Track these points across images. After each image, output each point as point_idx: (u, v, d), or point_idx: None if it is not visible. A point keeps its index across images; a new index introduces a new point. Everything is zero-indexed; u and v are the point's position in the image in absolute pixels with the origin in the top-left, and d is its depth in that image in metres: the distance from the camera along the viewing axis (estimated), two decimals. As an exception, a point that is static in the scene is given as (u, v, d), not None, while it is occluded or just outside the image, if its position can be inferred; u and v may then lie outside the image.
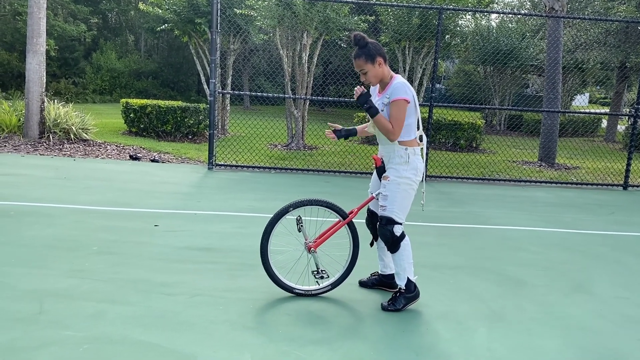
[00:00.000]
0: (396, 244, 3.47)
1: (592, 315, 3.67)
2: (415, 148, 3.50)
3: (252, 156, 9.88)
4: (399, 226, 3.46)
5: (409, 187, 3.46)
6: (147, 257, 4.28)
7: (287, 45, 11.38)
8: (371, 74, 3.45)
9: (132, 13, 29.65)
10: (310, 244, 3.64)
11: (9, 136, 10.25)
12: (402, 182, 3.44)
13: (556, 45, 11.00)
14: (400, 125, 3.38)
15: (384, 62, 3.45)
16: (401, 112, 3.37)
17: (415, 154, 3.49)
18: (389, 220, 3.45)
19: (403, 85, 3.40)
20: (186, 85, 28.02)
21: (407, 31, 12.67)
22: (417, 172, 3.48)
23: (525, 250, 5.15)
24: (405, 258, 3.51)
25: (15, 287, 3.52)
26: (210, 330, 3.10)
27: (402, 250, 3.49)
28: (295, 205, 3.59)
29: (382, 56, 3.43)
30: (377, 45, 3.46)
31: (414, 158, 3.47)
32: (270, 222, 3.58)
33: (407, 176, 3.44)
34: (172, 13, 13.04)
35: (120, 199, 6.20)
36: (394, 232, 3.45)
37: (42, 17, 9.83)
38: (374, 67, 3.43)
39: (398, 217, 3.46)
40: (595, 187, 9.39)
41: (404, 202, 3.46)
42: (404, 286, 3.53)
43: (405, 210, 3.49)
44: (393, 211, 3.45)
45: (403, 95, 3.36)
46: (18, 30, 21.81)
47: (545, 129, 11.31)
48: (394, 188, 3.44)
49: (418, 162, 3.48)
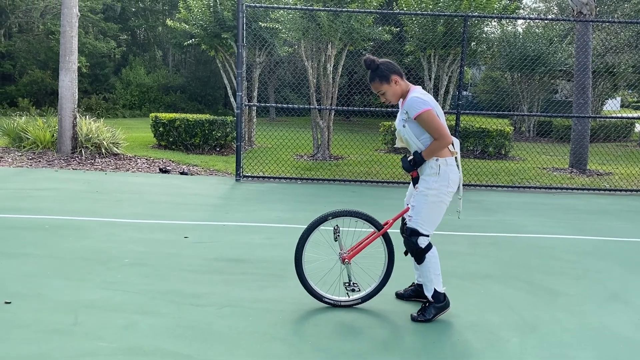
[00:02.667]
0: (420, 256, 3.45)
1: (628, 325, 3.57)
2: (448, 158, 3.42)
3: (278, 167, 9.95)
4: (424, 238, 3.44)
5: (438, 199, 3.40)
6: (178, 269, 4.34)
7: (312, 56, 11.46)
8: (389, 94, 3.46)
9: (160, 29, 30.30)
10: (344, 255, 3.63)
11: (43, 151, 10.54)
12: (430, 194, 3.39)
13: (585, 50, 10.81)
14: (442, 129, 3.33)
15: (400, 79, 3.44)
16: (432, 121, 3.33)
17: (448, 164, 3.41)
18: (413, 231, 3.44)
19: (416, 99, 3.37)
20: (213, 98, 28.40)
21: (432, 39, 12.62)
22: (450, 183, 3.41)
23: (558, 259, 5.04)
24: (432, 270, 3.47)
25: (51, 299, 3.61)
26: (240, 341, 3.12)
27: (428, 262, 3.46)
28: (334, 214, 3.60)
29: (396, 74, 3.44)
30: (389, 64, 3.46)
31: (445, 169, 3.40)
32: (307, 229, 3.60)
33: (436, 188, 3.39)
34: (199, 28, 13.27)
35: (150, 212, 6.31)
36: (417, 244, 3.43)
37: (74, 36, 10.13)
38: (390, 87, 3.44)
39: (423, 228, 3.43)
40: (630, 193, 9.16)
41: (431, 214, 3.42)
42: (431, 297, 3.51)
43: (433, 222, 3.45)
44: (418, 222, 3.42)
45: (422, 108, 3.33)
46: (51, 48, 22.48)
47: (576, 135, 11.09)
48: (422, 199, 3.42)
49: (451, 173, 3.41)
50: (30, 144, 10.73)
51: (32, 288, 3.79)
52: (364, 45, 11.83)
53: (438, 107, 3.45)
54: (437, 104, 3.46)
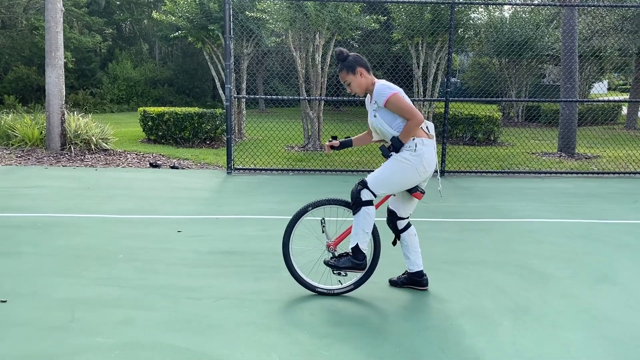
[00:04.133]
0: (357, 206, 3.51)
1: (618, 306, 3.64)
2: (424, 139, 3.51)
3: (269, 159, 9.95)
4: (368, 192, 3.48)
5: (405, 169, 3.46)
6: (172, 263, 4.36)
7: (300, 46, 11.44)
8: (354, 84, 3.61)
9: (145, 22, 30.00)
10: (330, 242, 3.69)
11: (32, 149, 10.47)
12: (400, 161, 3.47)
13: (571, 34, 10.87)
14: (413, 110, 3.43)
15: (365, 72, 3.60)
16: (401, 102, 3.45)
17: (424, 144, 3.49)
18: (363, 181, 3.52)
19: (382, 86, 3.50)
20: (201, 91, 28.24)
21: (420, 27, 12.63)
22: (423, 162, 3.47)
23: (548, 243, 5.12)
24: (362, 224, 3.52)
25: (47, 296, 3.62)
26: (237, 333, 3.15)
27: (362, 215, 3.51)
28: (314, 205, 3.65)
29: (362, 66, 3.60)
30: (358, 57, 3.63)
31: (422, 147, 3.48)
32: (290, 223, 3.67)
33: (409, 159, 3.46)
34: (185, 20, 13.18)
35: (143, 207, 6.31)
36: (360, 194, 3.49)
37: (59, 31, 10.03)
38: (355, 78, 3.60)
39: (374, 185, 3.49)
40: (617, 176, 9.27)
41: (391, 178, 3.49)
42: (351, 249, 3.56)
43: (387, 186, 3.51)
44: (373, 177, 3.51)
45: (389, 92, 3.45)
46: (35, 44, 22.22)
47: (564, 119, 11.19)
48: (390, 163, 3.50)
49: (426, 153, 3.48)
50: (19, 141, 10.65)
51: (27, 286, 3.80)
52: (351, 34, 11.82)
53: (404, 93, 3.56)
54: (402, 91, 3.56)
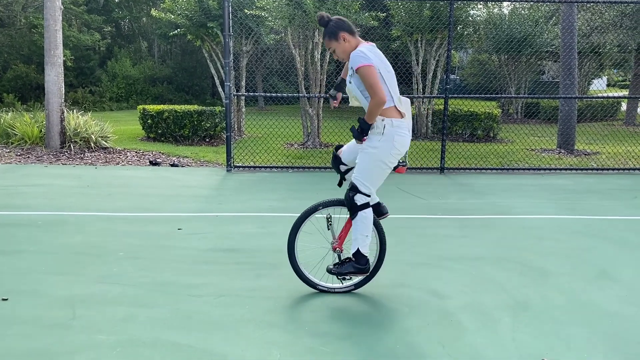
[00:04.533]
0: (354, 211, 3.46)
1: (616, 301, 3.66)
2: (394, 119, 3.35)
3: (269, 156, 9.96)
4: (361, 196, 3.42)
5: (379, 159, 3.36)
6: (173, 260, 4.37)
7: (299, 44, 11.43)
8: (339, 50, 3.47)
9: (144, 20, 29.96)
10: (335, 244, 3.68)
11: (32, 147, 10.46)
12: (372, 153, 3.36)
13: (570, 30, 10.87)
14: (377, 88, 3.23)
15: (349, 36, 3.44)
16: (369, 77, 3.24)
17: (393, 125, 3.34)
18: (353, 186, 3.45)
19: (360, 53, 3.30)
20: (201, 88, 28.22)
21: (419, 24, 12.62)
22: (395, 145, 3.35)
23: (548, 239, 5.13)
24: (360, 229, 3.46)
25: (48, 294, 3.63)
26: (238, 330, 3.16)
27: (359, 219, 3.45)
28: (324, 204, 3.64)
29: (346, 31, 3.43)
30: (340, 21, 3.47)
31: (390, 130, 3.34)
32: (299, 219, 3.65)
33: (379, 147, 3.34)
34: (184, 18, 13.16)
35: (143, 205, 6.31)
36: (354, 200, 3.43)
37: (58, 29, 10.01)
38: (339, 44, 3.45)
39: (363, 186, 3.42)
40: (617, 172, 9.28)
41: (372, 174, 3.41)
42: (352, 255, 3.51)
43: (373, 181, 3.44)
44: (358, 179, 3.43)
45: (362, 62, 3.26)
46: (34, 42, 22.19)
47: (563, 116, 11.19)
48: (364, 157, 3.40)
49: (396, 135, 3.35)
50: (18, 140, 10.65)
51: (28, 284, 3.81)
52: (350, 31, 11.79)
53: (385, 66, 3.39)
54: (386, 64, 3.40)
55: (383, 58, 3.43)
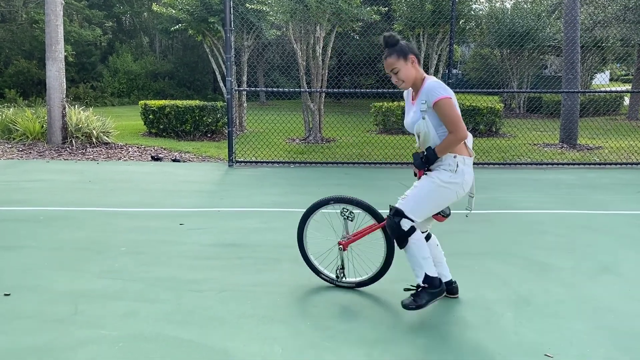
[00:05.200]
0: (403, 239, 3.16)
1: (620, 296, 3.64)
2: (466, 158, 3.14)
3: (271, 151, 9.95)
4: (407, 221, 3.13)
5: (443, 191, 3.12)
6: (175, 256, 4.36)
7: (301, 38, 11.39)
8: (403, 73, 3.14)
9: (145, 15, 29.92)
10: (342, 241, 3.62)
11: (34, 143, 10.47)
12: (438, 183, 3.11)
13: (573, 24, 10.82)
14: (458, 123, 3.02)
15: (417, 62, 3.19)
16: (451, 110, 3.02)
17: (465, 164, 3.13)
18: (397, 211, 3.15)
19: (437, 84, 3.07)
20: (202, 84, 28.21)
21: (421, 18, 12.57)
22: (464, 184, 3.14)
23: (550, 234, 5.12)
24: (417, 253, 3.18)
25: (50, 290, 3.63)
26: (240, 325, 3.16)
27: (412, 246, 3.17)
28: (336, 200, 3.59)
29: (415, 54, 3.20)
30: (410, 44, 3.25)
31: (462, 168, 3.12)
32: (309, 209, 3.66)
33: (448, 181, 3.11)
34: (185, 13, 13.13)
35: (145, 200, 6.31)
36: (400, 226, 3.13)
37: (59, 25, 10.00)
38: (406, 65, 3.14)
39: (411, 212, 3.14)
40: (620, 167, 9.26)
41: (427, 202, 3.14)
42: (423, 282, 3.21)
43: (424, 211, 3.17)
44: (409, 203, 3.15)
45: (443, 94, 3.02)
46: (35, 38, 22.18)
47: (566, 110, 11.15)
48: (427, 184, 3.14)
49: (466, 174, 3.14)
50: (20, 135, 10.66)
51: (30, 280, 3.81)
52: (352, 26, 11.77)
53: (455, 99, 3.14)
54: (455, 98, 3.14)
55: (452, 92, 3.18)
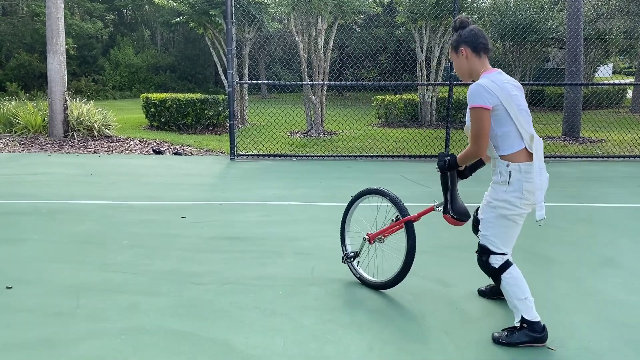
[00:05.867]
0: (495, 276, 2.94)
1: (621, 289, 3.64)
2: (522, 164, 2.79)
3: (272, 145, 9.93)
4: (496, 257, 2.92)
5: (509, 212, 2.85)
6: (177, 249, 4.36)
7: (302, 31, 11.35)
8: (455, 65, 3.01)
9: (146, 8, 29.83)
10: (370, 233, 3.64)
11: (35, 136, 10.47)
12: (498, 207, 2.87)
13: (576, 17, 10.75)
14: (480, 138, 2.79)
15: (471, 53, 2.91)
16: (478, 123, 2.78)
17: (522, 171, 2.79)
18: (483, 249, 2.97)
19: (478, 88, 2.78)
20: (203, 77, 28.16)
21: (423, 10, 12.51)
22: (524, 194, 2.81)
23: (553, 227, 5.11)
24: (512, 294, 2.89)
25: (52, 283, 3.64)
26: (242, 318, 3.16)
27: (505, 285, 2.90)
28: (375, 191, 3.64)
29: (469, 45, 2.91)
30: (470, 32, 2.92)
31: (518, 177, 2.79)
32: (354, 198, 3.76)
33: (506, 199, 2.84)
34: (187, 5, 13.08)
35: (146, 193, 6.31)
36: (489, 263, 2.94)
37: (60, 17, 9.97)
38: (458, 58, 2.97)
39: (494, 246, 2.92)
40: (622, 160, 9.22)
41: (501, 230, 2.91)
42: (517, 322, 2.91)
43: (506, 239, 2.93)
44: (487, 239, 2.94)
45: (477, 102, 2.77)
46: (37, 31, 22.14)
47: (568, 103, 11.10)
48: (490, 212, 2.93)
49: (525, 182, 2.80)
50: (22, 128, 10.66)
51: (32, 273, 3.81)
52: (354, 18, 11.72)
53: (514, 100, 2.82)
54: (516, 96, 2.84)
55: (512, 89, 2.85)
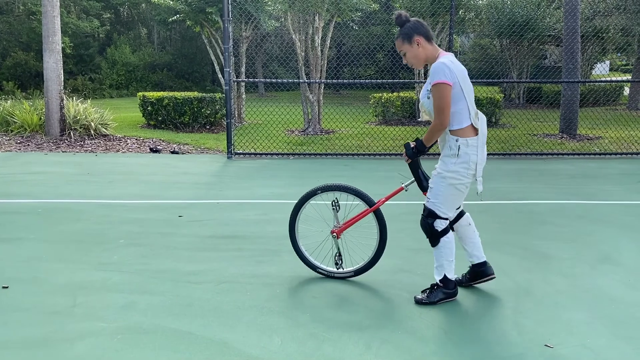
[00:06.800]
0: (436, 238, 3.29)
1: (619, 286, 3.64)
2: (469, 139, 3.15)
3: (270, 143, 9.91)
4: (441, 221, 3.26)
5: (457, 181, 3.19)
6: (174, 247, 4.35)
7: (299, 29, 11.32)
8: (410, 55, 3.26)
9: (143, 6, 29.70)
10: (334, 229, 3.65)
11: (32, 135, 10.43)
12: (448, 177, 3.19)
13: (573, 14, 10.75)
14: (444, 111, 3.07)
15: (424, 41, 3.21)
16: (443, 99, 3.06)
17: (469, 145, 3.14)
18: (430, 212, 3.28)
19: (442, 66, 3.09)
20: (201, 75, 28.08)
21: (420, 8, 12.49)
22: (470, 165, 3.16)
23: (550, 224, 5.11)
24: (444, 255, 3.29)
25: (49, 282, 3.62)
26: (239, 316, 3.15)
27: (442, 246, 3.29)
28: (323, 189, 3.62)
29: (421, 34, 3.20)
30: (418, 23, 3.25)
31: (466, 150, 3.14)
32: (298, 204, 3.65)
33: (455, 170, 3.16)
34: (183, 3, 13.04)
35: (143, 192, 6.29)
36: (433, 226, 3.26)
37: (56, 16, 9.93)
38: (411, 48, 3.23)
39: (440, 211, 3.25)
40: (619, 157, 9.23)
41: (449, 198, 3.24)
42: (440, 281, 3.32)
43: (451, 206, 3.29)
44: (435, 205, 3.26)
45: (441, 79, 3.06)
46: (33, 29, 22.04)
47: (566, 100, 11.11)
48: (439, 182, 3.23)
49: (472, 154, 3.15)
50: (18, 127, 10.62)
51: (29, 272, 3.80)
52: (351, 16, 11.69)
53: (465, 83, 3.15)
54: (467, 77, 3.17)
55: (464, 70, 3.20)
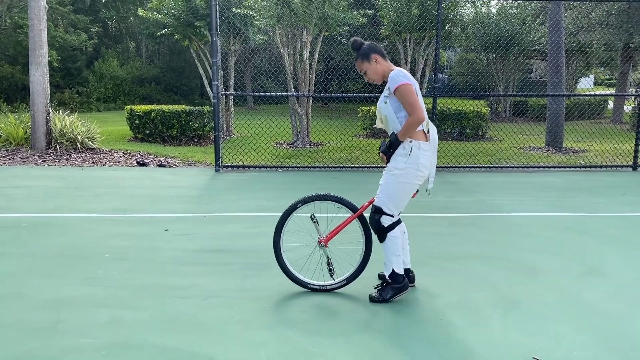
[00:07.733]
0: (382, 234, 3.50)
1: (605, 297, 3.66)
2: (421, 142, 3.43)
3: (258, 156, 9.90)
4: (387, 217, 3.48)
5: (405, 180, 3.42)
6: (160, 262, 4.31)
7: (288, 43, 11.38)
8: (371, 72, 3.57)
9: (131, 20, 29.75)
10: (321, 238, 3.67)
11: (17, 148, 10.33)
12: (398, 175, 3.42)
13: (558, 29, 10.93)
14: (416, 106, 3.36)
15: (381, 59, 3.56)
16: (409, 95, 3.37)
17: (420, 148, 3.42)
18: (377, 209, 3.49)
19: (399, 72, 3.44)
20: (189, 88, 28.07)
21: (407, 23, 12.62)
22: (419, 167, 3.41)
23: (537, 236, 5.13)
24: (391, 250, 3.51)
25: (33, 297, 3.56)
26: (226, 331, 3.12)
27: (389, 242, 3.50)
28: (304, 201, 3.62)
29: (377, 53, 3.56)
30: (373, 44, 3.60)
31: (417, 152, 3.41)
32: (281, 219, 3.64)
33: (403, 168, 3.41)
34: (171, 17, 13.07)
35: (130, 206, 6.24)
36: (380, 222, 3.48)
37: (43, 29, 9.89)
38: (370, 65, 3.56)
39: (387, 208, 3.47)
40: (604, 169, 9.34)
41: (397, 195, 3.46)
42: (389, 277, 3.54)
43: (398, 203, 3.49)
44: (383, 201, 3.48)
45: (402, 80, 3.39)
46: (20, 43, 21.94)
47: (551, 114, 11.24)
48: (389, 179, 3.46)
49: (421, 157, 3.42)
50: (3, 141, 10.51)
51: (12, 287, 3.73)
52: (339, 30, 11.78)
53: (418, 91, 3.48)
54: (417, 88, 3.49)
55: (416, 82, 3.53)
